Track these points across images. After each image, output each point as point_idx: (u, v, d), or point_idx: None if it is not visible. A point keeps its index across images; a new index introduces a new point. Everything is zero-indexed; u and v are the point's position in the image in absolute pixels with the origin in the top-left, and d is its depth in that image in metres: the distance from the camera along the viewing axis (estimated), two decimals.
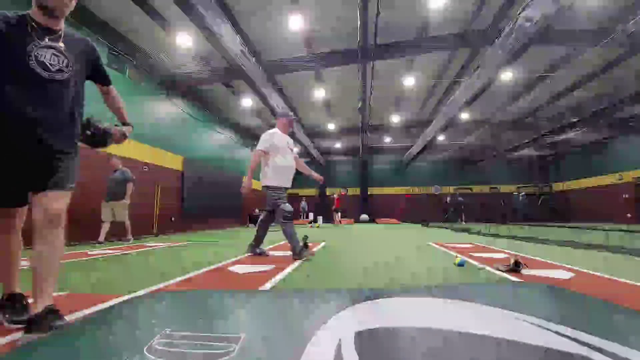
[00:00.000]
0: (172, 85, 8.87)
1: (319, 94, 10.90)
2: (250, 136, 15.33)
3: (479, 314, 1.36)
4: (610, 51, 8.04)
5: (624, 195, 13.66)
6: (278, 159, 3.47)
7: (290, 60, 8.61)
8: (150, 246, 4.99)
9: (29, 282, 1.25)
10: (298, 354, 0.97)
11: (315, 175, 3.87)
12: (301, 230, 10.25)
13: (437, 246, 4.59)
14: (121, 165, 5.76)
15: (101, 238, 5.36)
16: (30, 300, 1.28)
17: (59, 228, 1.29)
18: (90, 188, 5.48)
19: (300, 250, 3.31)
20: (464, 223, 15.16)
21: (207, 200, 10.39)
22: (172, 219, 8.64)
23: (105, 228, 5.45)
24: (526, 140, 15.19)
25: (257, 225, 3.72)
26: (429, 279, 2.28)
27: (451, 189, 19.61)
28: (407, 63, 9.23)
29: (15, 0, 5.02)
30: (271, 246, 4.74)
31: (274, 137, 3.52)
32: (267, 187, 3.49)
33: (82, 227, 5.62)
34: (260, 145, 3.48)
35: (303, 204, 17.83)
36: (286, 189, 3.54)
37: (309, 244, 3.51)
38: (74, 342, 1.14)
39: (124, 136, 1.62)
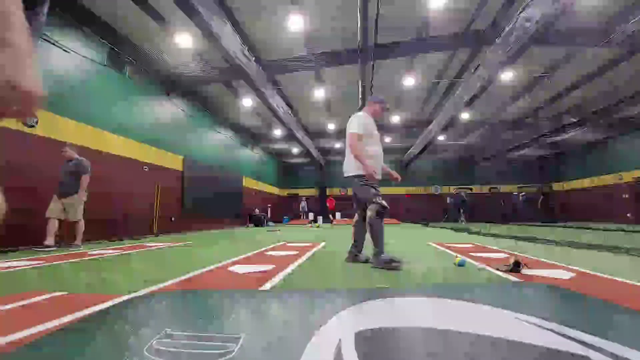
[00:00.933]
0: (172, 85, 8.87)
1: (319, 94, 10.90)
2: (250, 136, 15.34)
3: (479, 314, 1.36)
4: (610, 51, 8.04)
5: (624, 195, 13.67)
6: (370, 146, 2.93)
7: (290, 60, 8.61)
8: (150, 246, 4.99)
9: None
10: (298, 354, 0.97)
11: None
12: (300, 230, 10.28)
13: (437, 246, 4.59)
14: (77, 155, 4.81)
15: (49, 241, 4.37)
16: None
17: None
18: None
19: (385, 259, 2.71)
20: (464, 222, 15.16)
21: (207, 200, 10.40)
22: (172, 219, 8.64)
23: (51, 227, 4.44)
24: (526, 140, 15.20)
25: (353, 228, 3.17)
26: (429, 279, 2.28)
27: (451, 189, 19.62)
28: (407, 63, 9.23)
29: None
30: (271, 246, 4.74)
31: (367, 121, 2.98)
32: (358, 176, 2.89)
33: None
34: (356, 128, 2.88)
35: (303, 204, 17.86)
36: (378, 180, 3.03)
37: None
38: (74, 342, 1.14)
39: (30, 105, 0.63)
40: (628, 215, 13.39)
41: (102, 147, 6.35)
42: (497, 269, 2.60)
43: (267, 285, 2.13)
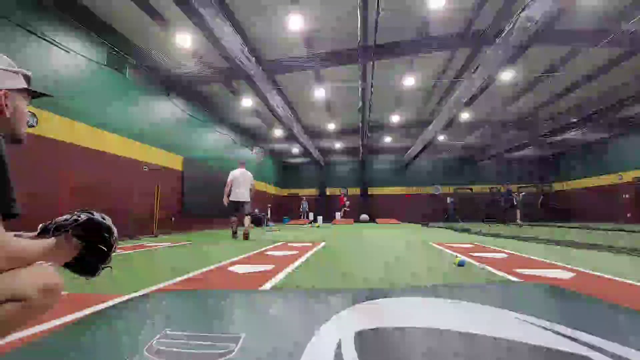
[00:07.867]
0: (172, 85, 8.87)
1: (319, 94, 10.89)
2: (250, 136, 15.33)
3: (479, 314, 1.36)
4: (610, 51, 8.04)
5: (624, 195, 13.66)
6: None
7: (290, 60, 8.60)
8: (150, 246, 4.99)
9: None
10: (298, 353, 0.97)
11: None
12: (300, 230, 10.28)
13: (437, 246, 4.59)
14: None
15: None
16: None
17: None
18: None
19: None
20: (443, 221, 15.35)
21: (207, 200, 10.38)
22: (172, 219, 8.63)
23: None
24: (526, 140, 15.20)
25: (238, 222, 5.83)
26: (429, 279, 2.28)
27: (451, 189, 19.61)
28: (407, 63, 9.23)
29: (20, 1, 5.02)
30: (271, 246, 4.74)
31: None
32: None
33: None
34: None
35: (304, 204, 17.85)
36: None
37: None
38: (74, 342, 1.14)
39: None
40: (628, 215, 13.39)
41: (102, 147, 6.35)
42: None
43: (267, 285, 2.13)
